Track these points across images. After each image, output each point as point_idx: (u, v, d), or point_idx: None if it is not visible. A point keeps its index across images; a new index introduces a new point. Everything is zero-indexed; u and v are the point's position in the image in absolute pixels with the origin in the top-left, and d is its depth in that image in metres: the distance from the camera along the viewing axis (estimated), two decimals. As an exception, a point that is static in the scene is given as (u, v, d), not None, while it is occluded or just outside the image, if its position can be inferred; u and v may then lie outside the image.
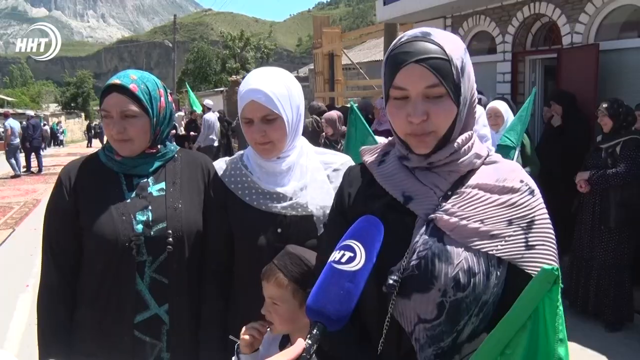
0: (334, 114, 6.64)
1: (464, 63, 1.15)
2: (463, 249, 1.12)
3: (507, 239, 1.13)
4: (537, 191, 1.19)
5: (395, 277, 1.12)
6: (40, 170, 16.92)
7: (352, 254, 1.12)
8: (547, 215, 1.18)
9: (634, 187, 4.35)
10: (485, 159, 1.23)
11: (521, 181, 1.19)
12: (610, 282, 4.43)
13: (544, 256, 1.13)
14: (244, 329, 1.50)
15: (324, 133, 6.66)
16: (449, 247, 1.12)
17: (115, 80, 1.70)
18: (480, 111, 4.14)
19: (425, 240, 1.13)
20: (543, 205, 1.19)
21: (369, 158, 1.32)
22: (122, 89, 1.68)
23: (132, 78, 1.71)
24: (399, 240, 1.16)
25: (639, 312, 4.60)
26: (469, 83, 1.17)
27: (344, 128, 6.48)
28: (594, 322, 4.53)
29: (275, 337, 1.54)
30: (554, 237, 1.17)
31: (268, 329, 1.50)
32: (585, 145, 5.13)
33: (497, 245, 1.12)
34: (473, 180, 1.18)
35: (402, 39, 1.17)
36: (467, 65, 1.17)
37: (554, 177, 5.19)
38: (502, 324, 1.01)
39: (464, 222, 1.13)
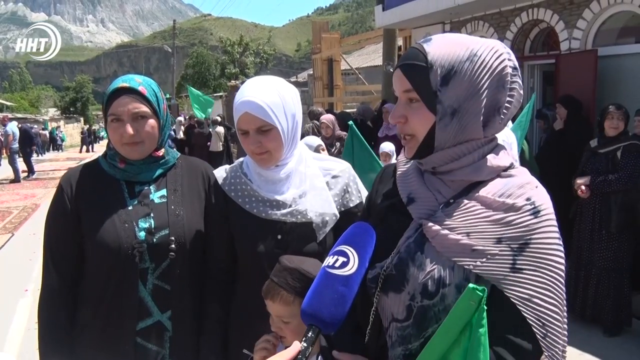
0: (332, 116, 6.73)
1: (454, 71, 1.12)
2: (439, 258, 1.11)
3: (490, 257, 1.08)
4: (545, 212, 1.12)
5: (374, 273, 1.17)
6: (32, 174, 16.93)
7: (345, 259, 1.16)
8: (551, 240, 1.10)
9: (634, 192, 4.36)
10: (503, 171, 1.18)
11: (527, 199, 1.12)
12: (610, 286, 4.43)
13: (531, 281, 1.07)
14: (257, 344, 1.46)
15: (330, 131, 6.71)
16: (425, 254, 1.13)
17: (122, 83, 1.70)
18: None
19: (409, 243, 1.16)
20: (549, 228, 1.11)
21: (401, 157, 1.35)
22: (131, 91, 1.69)
23: (138, 81, 1.73)
24: (393, 240, 1.19)
25: (637, 316, 4.61)
26: (462, 92, 1.13)
27: (338, 132, 6.54)
28: (592, 327, 4.53)
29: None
30: (554, 263, 1.09)
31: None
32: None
33: (476, 262, 1.08)
34: (477, 192, 1.15)
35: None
36: (460, 73, 1.12)
37: (552, 180, 5.20)
38: (435, 337, 1.01)
39: (445, 231, 1.11)
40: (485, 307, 0.94)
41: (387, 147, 5.76)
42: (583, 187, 4.50)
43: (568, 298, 4.23)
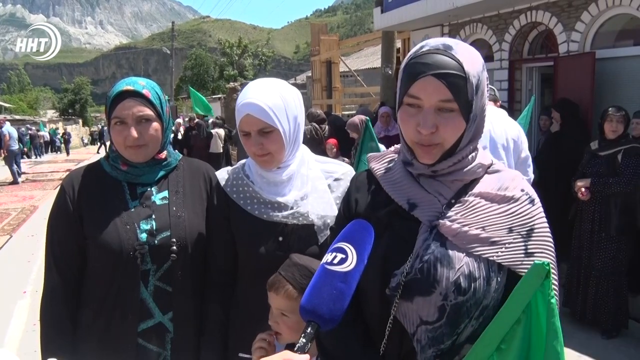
0: (356, 119, 6.74)
1: (479, 80, 1.17)
2: (464, 254, 1.15)
3: (507, 245, 1.16)
4: (537, 200, 1.23)
5: (398, 280, 1.16)
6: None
7: (343, 256, 1.16)
8: (546, 224, 1.21)
9: (634, 195, 4.37)
10: (488, 168, 1.26)
11: (522, 190, 1.22)
12: (609, 289, 4.44)
13: None
14: (254, 344, 1.48)
15: (356, 135, 6.75)
16: (450, 252, 1.15)
17: (126, 86, 1.70)
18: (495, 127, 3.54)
19: (429, 245, 1.17)
20: (543, 213, 1.22)
21: (375, 165, 1.35)
22: (135, 94, 1.69)
23: (142, 84, 1.73)
24: (403, 246, 1.19)
25: (634, 318, 4.62)
26: (482, 100, 1.20)
27: None
28: (590, 329, 4.55)
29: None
30: (552, 245, 1.20)
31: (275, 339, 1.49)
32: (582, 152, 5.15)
33: (497, 252, 1.15)
34: (476, 189, 1.22)
35: (424, 49, 1.18)
36: (483, 82, 1.19)
37: (550, 182, 5.23)
38: (497, 319, 1.03)
39: (465, 228, 1.16)
40: (552, 278, 1.01)
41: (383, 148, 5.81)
42: (583, 190, 4.50)
43: (568, 300, 4.21)
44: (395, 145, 1.34)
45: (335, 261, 1.16)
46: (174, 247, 1.70)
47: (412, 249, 1.18)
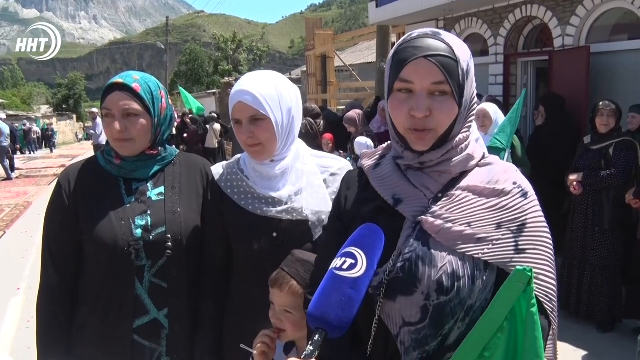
0: (353, 113, 6.74)
1: (469, 67, 1.16)
2: (448, 252, 1.11)
3: (494, 242, 1.11)
4: (531, 193, 1.17)
5: (379, 279, 1.13)
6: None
7: (353, 261, 1.13)
8: (541, 218, 1.16)
9: (626, 188, 4.37)
10: (479, 160, 1.22)
11: (514, 183, 1.17)
12: (604, 283, 4.45)
13: (534, 260, 1.11)
14: (256, 339, 1.46)
15: (353, 129, 6.77)
16: (433, 251, 1.11)
17: (117, 79, 1.70)
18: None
19: (411, 242, 1.13)
20: (537, 207, 1.17)
21: (365, 162, 1.32)
22: (124, 88, 1.68)
23: (135, 78, 1.72)
24: (388, 243, 1.15)
25: (627, 316, 4.62)
26: (471, 88, 1.18)
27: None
28: (585, 323, 4.56)
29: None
30: (548, 240, 1.16)
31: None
32: (568, 145, 5.14)
33: (483, 249, 1.10)
34: (464, 182, 1.17)
35: (412, 35, 1.17)
36: (471, 70, 1.17)
37: (537, 174, 5.24)
38: (479, 325, 1.01)
39: (449, 225, 1.12)
40: (534, 287, 0.98)
41: (363, 139, 5.91)
42: (575, 184, 4.50)
43: (562, 295, 4.21)
44: (389, 142, 1.31)
45: (345, 266, 1.13)
46: (169, 243, 1.69)
47: (396, 246, 1.14)
